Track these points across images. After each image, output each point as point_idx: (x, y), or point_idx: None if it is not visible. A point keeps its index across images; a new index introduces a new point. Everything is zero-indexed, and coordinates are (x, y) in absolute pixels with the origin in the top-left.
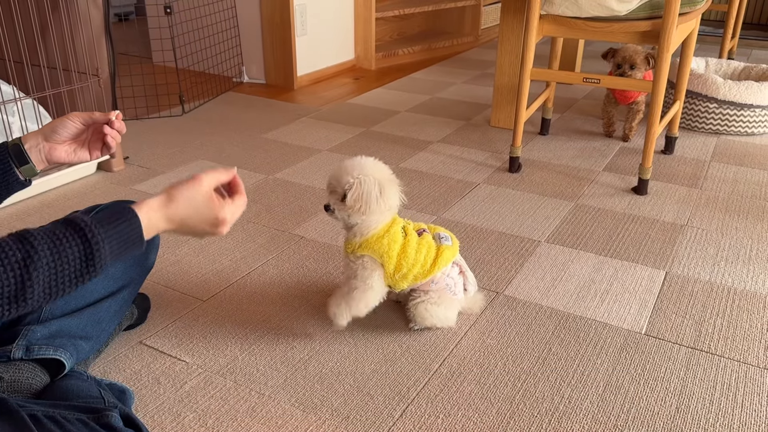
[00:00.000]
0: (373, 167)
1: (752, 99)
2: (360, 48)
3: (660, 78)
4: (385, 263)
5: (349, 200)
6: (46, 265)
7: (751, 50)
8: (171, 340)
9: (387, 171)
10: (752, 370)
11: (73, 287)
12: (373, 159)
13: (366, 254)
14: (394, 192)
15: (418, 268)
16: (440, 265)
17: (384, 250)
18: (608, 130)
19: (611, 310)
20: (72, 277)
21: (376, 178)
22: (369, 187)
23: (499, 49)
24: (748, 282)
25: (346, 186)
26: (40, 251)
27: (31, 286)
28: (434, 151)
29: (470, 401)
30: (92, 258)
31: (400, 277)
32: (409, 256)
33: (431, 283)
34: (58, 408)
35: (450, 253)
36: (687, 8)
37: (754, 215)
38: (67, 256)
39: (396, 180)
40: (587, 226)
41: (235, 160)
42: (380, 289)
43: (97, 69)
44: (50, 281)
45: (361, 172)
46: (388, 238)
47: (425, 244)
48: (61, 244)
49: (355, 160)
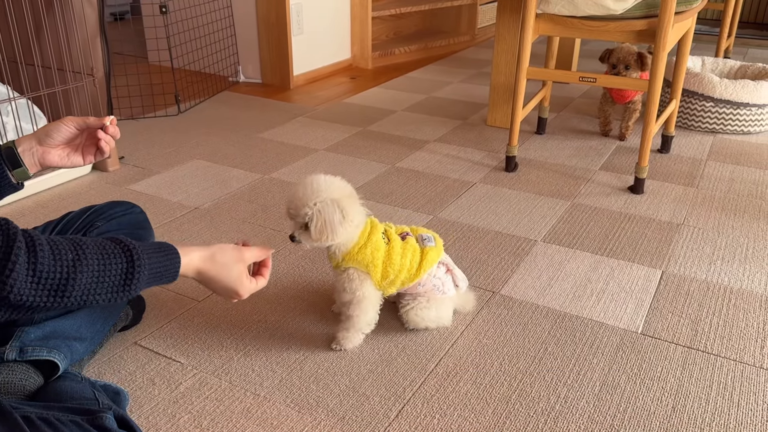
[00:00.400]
0: (329, 188)
1: (748, 98)
2: (356, 47)
3: (656, 77)
4: (371, 272)
5: (314, 233)
6: (91, 272)
7: (747, 49)
8: (166, 341)
9: (344, 188)
10: (748, 369)
11: (108, 299)
12: (326, 177)
13: (350, 266)
14: (357, 209)
15: (405, 273)
16: (426, 268)
17: (368, 260)
18: (605, 129)
19: (607, 309)
20: (110, 290)
21: (334, 201)
22: (330, 215)
23: (496, 49)
24: (744, 281)
25: (306, 218)
26: (90, 258)
27: (74, 286)
28: (431, 151)
29: (466, 401)
30: (131, 278)
31: (388, 283)
32: (395, 262)
33: (418, 286)
34: (51, 410)
35: (434, 254)
36: (683, 7)
37: (750, 214)
38: (112, 269)
39: (355, 195)
40: (583, 226)
41: (232, 160)
42: (374, 296)
43: (92, 68)
44: (90, 287)
45: (317, 197)
46: (371, 246)
47: (410, 248)
48: (109, 258)
49: (308, 184)
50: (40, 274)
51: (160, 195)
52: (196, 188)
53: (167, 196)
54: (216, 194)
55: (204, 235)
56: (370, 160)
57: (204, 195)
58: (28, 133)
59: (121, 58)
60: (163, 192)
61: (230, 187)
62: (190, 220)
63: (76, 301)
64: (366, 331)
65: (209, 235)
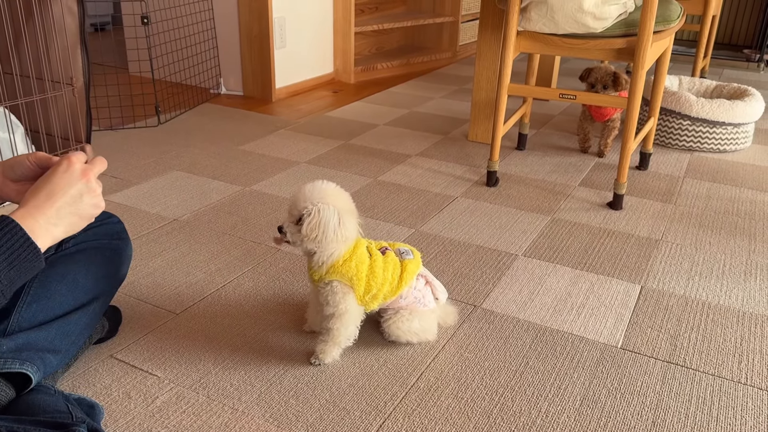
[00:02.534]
0: (335, 195)
1: (724, 117)
2: (339, 61)
3: (635, 95)
4: (354, 286)
5: (305, 228)
6: None
7: (722, 69)
8: (143, 354)
9: (348, 201)
10: (726, 383)
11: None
12: (335, 186)
13: (334, 279)
14: (353, 224)
15: (387, 287)
16: (406, 281)
17: (353, 273)
18: (584, 146)
19: (587, 323)
20: None
21: (336, 207)
22: (328, 217)
23: (477, 65)
24: (721, 296)
25: (304, 211)
26: None
27: None
28: (412, 165)
29: (447, 415)
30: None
31: (371, 298)
32: (377, 275)
33: (400, 299)
34: (23, 423)
35: (413, 267)
36: (661, 26)
37: (726, 231)
38: None
39: (355, 212)
40: (563, 240)
41: (212, 172)
42: (356, 311)
43: (72, 78)
44: None
45: (321, 199)
46: (356, 260)
47: (390, 262)
48: None
49: (317, 185)
50: None
51: (138, 206)
52: (175, 200)
53: (146, 207)
54: (195, 206)
55: (182, 247)
56: (352, 173)
57: (183, 206)
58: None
59: (102, 68)
60: (142, 203)
61: (210, 199)
62: (169, 231)
63: None
64: (345, 345)
65: (187, 247)
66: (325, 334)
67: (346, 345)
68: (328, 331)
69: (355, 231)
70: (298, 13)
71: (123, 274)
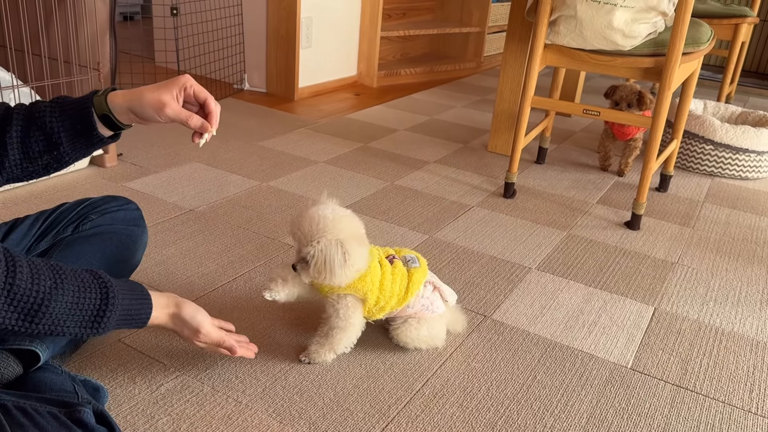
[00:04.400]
0: (336, 226)
1: (748, 144)
2: (363, 65)
3: (660, 115)
4: (367, 299)
5: (312, 272)
6: (65, 301)
7: (748, 97)
8: (150, 341)
9: (352, 227)
10: (736, 412)
11: (75, 333)
12: (334, 212)
13: (349, 294)
14: (361, 252)
15: (395, 299)
16: (413, 290)
17: (367, 288)
18: (604, 164)
19: (598, 341)
20: (80, 323)
21: (339, 241)
22: (332, 255)
23: (501, 76)
24: (736, 324)
25: (308, 256)
26: (67, 286)
27: (45, 313)
28: (430, 171)
29: (451, 424)
30: (103, 316)
31: (378, 309)
32: (386, 288)
33: (407, 308)
34: (29, 399)
35: (420, 275)
36: (690, 48)
37: (744, 258)
38: (86, 303)
39: (363, 235)
40: (578, 257)
41: (230, 165)
42: (360, 324)
43: (99, 63)
44: (62, 317)
45: (322, 236)
46: (371, 275)
47: (398, 272)
48: (85, 291)
49: (315, 219)
50: (14, 295)
51: (155, 194)
52: (193, 190)
53: (163, 196)
54: (212, 198)
55: (196, 237)
56: (369, 176)
57: (200, 198)
58: (121, 99)
59: (128, 56)
60: (159, 192)
61: (227, 192)
62: (184, 221)
63: (45, 329)
64: (343, 352)
65: (202, 237)
66: (323, 338)
67: (344, 352)
68: (327, 337)
69: (365, 257)
70: (326, 15)
71: (137, 260)
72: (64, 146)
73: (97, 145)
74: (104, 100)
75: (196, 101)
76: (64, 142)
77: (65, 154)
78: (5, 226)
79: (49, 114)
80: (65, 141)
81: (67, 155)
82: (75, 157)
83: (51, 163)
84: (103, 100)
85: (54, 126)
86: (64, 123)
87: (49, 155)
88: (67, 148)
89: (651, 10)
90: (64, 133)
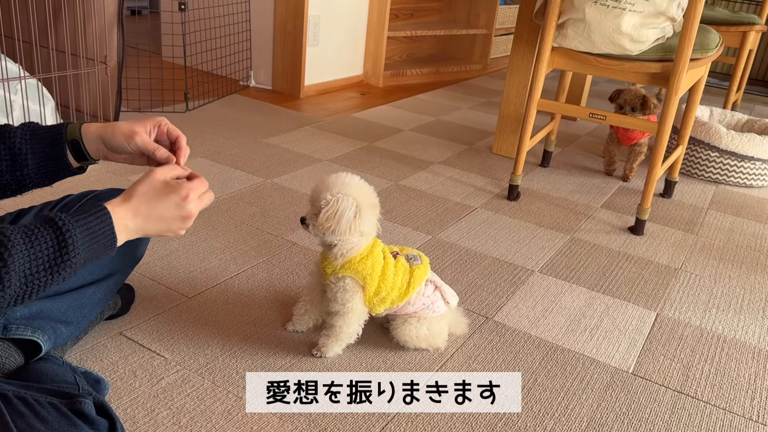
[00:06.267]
0: (357, 188)
1: (753, 151)
2: (369, 64)
3: (666, 121)
4: (366, 285)
5: (321, 217)
6: (20, 252)
7: (754, 105)
8: (152, 334)
9: (371, 195)
10: (737, 419)
11: (50, 279)
12: (359, 179)
13: (348, 275)
14: (371, 218)
15: (396, 292)
16: (414, 286)
17: (367, 272)
18: (609, 168)
19: (600, 346)
20: (47, 266)
21: (355, 200)
22: (344, 208)
23: (508, 78)
24: (738, 331)
25: (322, 202)
26: (14, 239)
27: (8, 272)
28: (434, 172)
29: (451, 424)
30: (65, 247)
31: (379, 300)
32: (388, 279)
33: (408, 305)
34: (30, 390)
35: (422, 272)
36: (698, 54)
37: (747, 265)
38: (41, 243)
39: (377, 206)
40: (581, 261)
41: (235, 161)
42: (361, 311)
43: (106, 57)
44: (26, 270)
45: (341, 190)
46: (372, 259)
47: (401, 266)
48: (34, 234)
49: (341, 176)
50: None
51: None
52: None
53: None
54: (216, 193)
55: (200, 232)
56: (373, 175)
57: None
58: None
59: (135, 51)
60: None
61: (231, 188)
62: None
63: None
64: (348, 342)
65: (205, 232)
66: (328, 329)
67: (349, 342)
68: (331, 327)
69: (375, 226)
70: (334, 13)
71: (141, 253)
72: (29, 168)
73: (62, 174)
74: (77, 128)
75: (168, 140)
76: (30, 163)
77: (27, 177)
78: (9, 216)
79: (20, 135)
80: (31, 163)
81: (29, 178)
82: (37, 182)
83: (10, 184)
84: (77, 128)
85: (23, 147)
86: (34, 145)
87: (11, 175)
88: (32, 170)
89: (660, 15)
90: (31, 155)
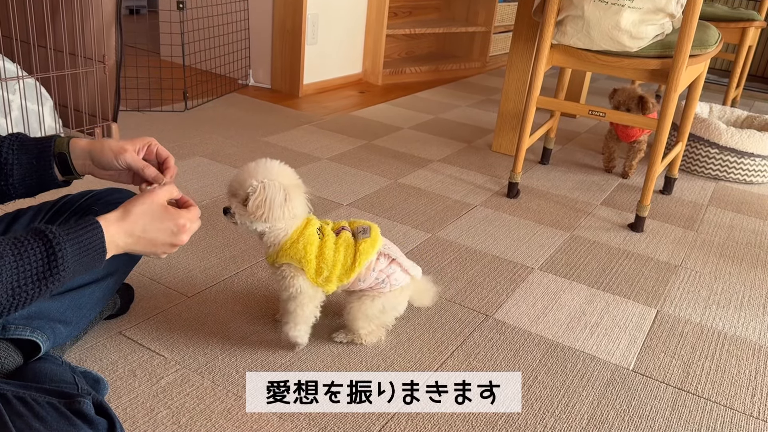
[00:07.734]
0: (279, 171)
1: (753, 148)
2: (368, 62)
3: (665, 118)
4: (304, 267)
5: (251, 206)
6: (8, 263)
7: (753, 101)
8: (151, 334)
9: (293, 176)
10: (738, 416)
11: (38, 292)
12: (279, 162)
13: (284, 262)
14: (300, 199)
15: (339, 268)
16: (361, 261)
17: (301, 255)
18: (608, 165)
19: (600, 343)
20: (35, 278)
21: (281, 184)
22: (273, 193)
23: (507, 76)
24: (738, 328)
25: (249, 189)
26: (2, 251)
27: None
28: (434, 170)
29: (452, 422)
30: (54, 260)
31: (324, 280)
32: (327, 257)
33: (359, 282)
34: (29, 390)
35: (367, 246)
36: (698, 50)
37: (748, 262)
38: (29, 256)
39: (302, 186)
40: (581, 258)
41: (234, 160)
42: (310, 291)
43: (104, 56)
44: (13, 281)
45: (266, 176)
46: (303, 241)
47: (342, 242)
48: (23, 245)
49: (260, 162)
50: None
51: None
52: (196, 185)
53: None
54: (215, 192)
55: (199, 231)
56: (372, 173)
57: (203, 192)
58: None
59: (134, 50)
60: None
61: None
62: None
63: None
64: (309, 323)
65: (204, 232)
66: (286, 316)
67: (308, 323)
68: (288, 314)
69: (304, 207)
70: (332, 11)
71: None
72: (14, 178)
73: (46, 186)
74: (66, 142)
75: (157, 160)
76: (15, 174)
77: (11, 188)
78: (8, 217)
79: (8, 145)
80: (16, 173)
81: (13, 189)
82: (20, 193)
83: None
84: (65, 142)
85: (9, 157)
86: (21, 156)
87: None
88: (17, 181)
89: (659, 12)
90: (17, 166)
